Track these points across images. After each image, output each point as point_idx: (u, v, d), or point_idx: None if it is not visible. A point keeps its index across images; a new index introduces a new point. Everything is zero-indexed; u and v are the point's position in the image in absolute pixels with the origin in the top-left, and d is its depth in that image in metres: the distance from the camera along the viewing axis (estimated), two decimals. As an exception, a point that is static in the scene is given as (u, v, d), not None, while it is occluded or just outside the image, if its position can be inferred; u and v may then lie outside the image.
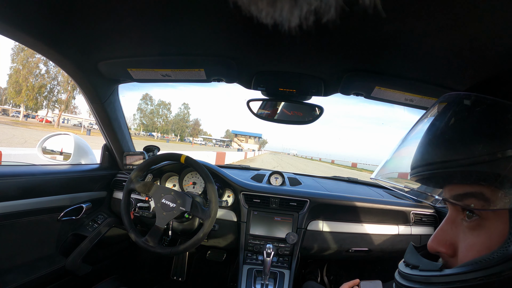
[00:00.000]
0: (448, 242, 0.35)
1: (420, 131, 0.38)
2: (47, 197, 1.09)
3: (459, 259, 0.33)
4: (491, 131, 0.30)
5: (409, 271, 0.36)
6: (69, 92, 35.09)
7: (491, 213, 0.30)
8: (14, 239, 1.02)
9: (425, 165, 0.35)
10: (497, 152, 0.28)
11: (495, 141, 0.29)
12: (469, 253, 0.31)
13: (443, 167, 0.32)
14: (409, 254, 0.39)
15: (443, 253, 0.36)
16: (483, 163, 0.29)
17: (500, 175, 0.28)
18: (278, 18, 0.19)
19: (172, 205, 1.02)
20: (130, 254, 1.72)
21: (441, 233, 0.37)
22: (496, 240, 0.29)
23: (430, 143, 0.35)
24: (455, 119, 0.34)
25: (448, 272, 0.31)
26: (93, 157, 1.51)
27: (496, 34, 0.48)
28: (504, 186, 0.28)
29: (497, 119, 0.30)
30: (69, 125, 55.69)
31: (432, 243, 0.37)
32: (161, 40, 0.75)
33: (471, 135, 0.31)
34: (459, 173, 0.31)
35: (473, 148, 0.30)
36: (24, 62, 31.65)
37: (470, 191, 0.30)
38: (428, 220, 1.34)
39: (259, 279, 1.15)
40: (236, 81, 1.01)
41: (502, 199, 0.28)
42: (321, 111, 1.06)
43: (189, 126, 75.03)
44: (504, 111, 0.29)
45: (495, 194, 0.28)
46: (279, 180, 1.48)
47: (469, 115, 0.33)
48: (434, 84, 0.80)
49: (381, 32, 0.57)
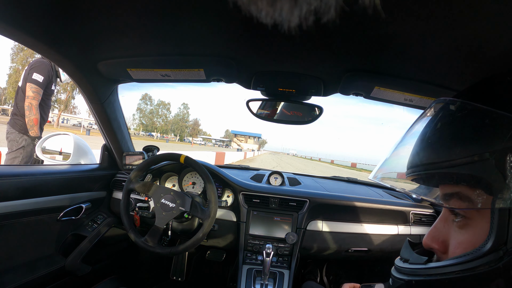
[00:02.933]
0: (440, 239, 0.38)
1: (415, 133, 0.40)
2: (46, 197, 1.09)
3: (449, 255, 0.35)
4: (471, 135, 0.32)
5: (401, 264, 0.39)
6: (69, 92, 35.08)
7: (475, 213, 0.32)
8: (13, 239, 1.02)
9: (415, 166, 0.37)
10: (475, 155, 0.30)
11: (473, 144, 0.31)
12: (457, 250, 0.34)
13: (430, 168, 0.35)
14: (404, 249, 0.42)
15: (436, 249, 0.38)
16: (463, 165, 0.31)
17: (478, 177, 0.30)
18: (277, 18, 0.19)
19: (172, 205, 1.02)
20: (129, 254, 1.72)
21: (434, 230, 0.39)
22: (481, 238, 0.31)
23: (420, 145, 0.38)
24: (441, 124, 0.36)
25: (431, 266, 0.35)
26: (93, 157, 1.51)
27: (495, 34, 0.48)
28: (483, 187, 0.30)
29: (476, 124, 0.32)
30: (68, 125, 55.66)
31: (426, 240, 0.39)
32: (161, 40, 0.75)
33: (453, 139, 0.34)
34: (443, 174, 0.34)
35: (453, 151, 0.32)
36: (23, 62, 31.61)
37: (454, 191, 0.33)
38: (428, 220, 1.34)
39: (258, 279, 1.15)
40: (236, 81, 1.01)
41: (483, 200, 0.30)
42: (320, 111, 1.06)
43: (188, 126, 75.05)
44: (482, 116, 0.32)
45: (475, 194, 0.31)
46: (279, 180, 1.48)
47: (453, 120, 0.35)
48: (434, 84, 0.81)
49: (380, 32, 0.57)
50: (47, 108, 2.40)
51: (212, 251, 1.84)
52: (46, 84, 2.24)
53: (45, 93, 2.27)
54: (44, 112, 2.34)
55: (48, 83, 2.26)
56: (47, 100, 2.34)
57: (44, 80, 2.20)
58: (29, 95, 2.16)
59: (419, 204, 1.38)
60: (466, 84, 0.39)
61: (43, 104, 2.31)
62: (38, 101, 2.20)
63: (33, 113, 2.18)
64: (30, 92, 2.16)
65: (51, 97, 2.44)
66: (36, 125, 2.21)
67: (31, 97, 2.16)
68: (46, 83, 2.23)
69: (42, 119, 2.31)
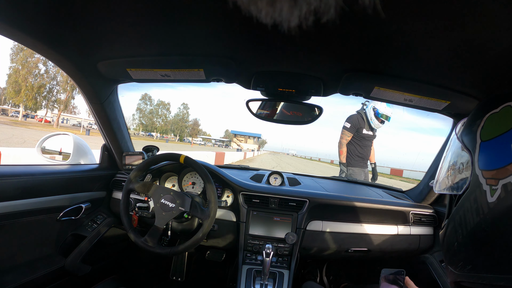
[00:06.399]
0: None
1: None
2: (46, 197, 1.09)
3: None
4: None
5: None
6: (68, 92, 35.04)
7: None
8: (13, 239, 1.02)
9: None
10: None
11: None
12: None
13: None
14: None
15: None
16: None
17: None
18: (277, 18, 0.19)
19: (171, 205, 1.01)
20: (129, 254, 1.71)
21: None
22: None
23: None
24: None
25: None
26: (92, 157, 1.51)
27: (495, 34, 0.48)
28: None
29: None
30: (68, 125, 55.63)
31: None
32: (161, 40, 0.75)
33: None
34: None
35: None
36: (23, 62, 31.63)
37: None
38: (427, 220, 1.34)
39: (258, 279, 1.15)
40: (236, 81, 1.01)
41: None
42: (320, 111, 1.06)
43: (188, 126, 74.98)
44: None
45: None
46: (278, 180, 1.48)
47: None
48: (433, 84, 0.81)
49: (380, 32, 0.57)
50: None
51: (212, 251, 1.84)
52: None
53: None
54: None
55: None
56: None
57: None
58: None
59: (418, 204, 1.38)
60: (466, 84, 0.40)
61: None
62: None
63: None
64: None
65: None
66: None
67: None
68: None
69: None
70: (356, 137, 2.83)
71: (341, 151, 2.84)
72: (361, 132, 2.79)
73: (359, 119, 2.78)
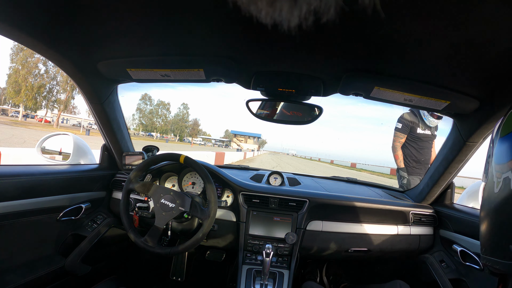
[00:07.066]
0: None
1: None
2: (46, 197, 1.09)
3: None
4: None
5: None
6: (68, 92, 35.03)
7: None
8: (13, 239, 1.02)
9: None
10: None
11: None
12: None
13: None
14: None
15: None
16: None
17: None
18: (277, 18, 0.19)
19: (171, 205, 1.01)
20: (129, 254, 1.71)
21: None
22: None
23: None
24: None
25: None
26: (92, 157, 1.51)
27: (495, 35, 0.48)
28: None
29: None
30: (68, 125, 55.63)
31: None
32: (160, 40, 0.75)
33: None
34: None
35: None
36: (23, 62, 31.61)
37: None
38: (427, 220, 1.34)
39: (258, 279, 1.15)
40: (236, 81, 1.01)
41: None
42: (320, 111, 1.06)
43: (188, 126, 74.94)
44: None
45: None
46: (278, 180, 1.48)
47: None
48: (433, 84, 0.81)
49: (380, 33, 0.57)
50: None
51: (212, 251, 1.84)
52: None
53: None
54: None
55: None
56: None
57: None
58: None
59: (418, 204, 1.38)
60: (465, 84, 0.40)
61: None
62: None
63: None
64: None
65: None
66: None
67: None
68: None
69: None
70: (410, 138, 2.46)
71: (396, 156, 2.50)
72: (415, 132, 2.42)
73: (411, 117, 2.41)
